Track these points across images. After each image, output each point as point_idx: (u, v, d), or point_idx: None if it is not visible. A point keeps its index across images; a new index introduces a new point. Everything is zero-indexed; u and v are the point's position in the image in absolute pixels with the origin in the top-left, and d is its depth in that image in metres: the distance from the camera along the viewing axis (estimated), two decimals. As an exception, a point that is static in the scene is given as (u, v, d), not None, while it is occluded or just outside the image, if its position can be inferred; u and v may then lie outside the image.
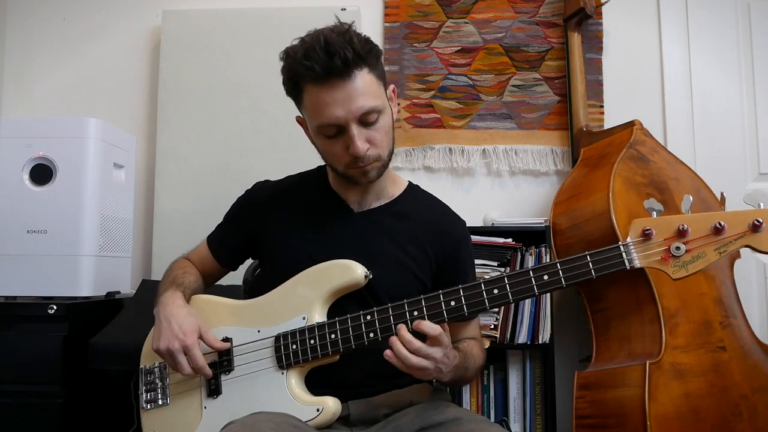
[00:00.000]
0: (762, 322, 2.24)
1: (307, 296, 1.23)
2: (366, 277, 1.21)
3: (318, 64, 1.13)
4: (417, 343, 1.09)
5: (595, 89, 2.38)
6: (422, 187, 1.43)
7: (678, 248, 1.06)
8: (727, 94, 2.38)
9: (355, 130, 1.17)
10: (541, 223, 2.14)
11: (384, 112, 1.21)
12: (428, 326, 1.09)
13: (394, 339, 1.09)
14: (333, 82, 1.15)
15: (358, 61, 1.15)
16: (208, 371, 1.22)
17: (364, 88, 1.16)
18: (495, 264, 2.07)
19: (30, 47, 2.57)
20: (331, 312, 1.23)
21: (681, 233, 1.06)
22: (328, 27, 1.19)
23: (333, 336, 1.18)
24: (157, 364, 1.31)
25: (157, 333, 1.24)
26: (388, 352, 1.09)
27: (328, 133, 1.20)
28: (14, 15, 2.58)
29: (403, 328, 1.10)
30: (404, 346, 1.08)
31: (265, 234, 1.35)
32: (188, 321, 1.23)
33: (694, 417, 1.59)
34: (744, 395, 1.66)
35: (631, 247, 1.08)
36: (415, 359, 1.08)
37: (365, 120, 1.18)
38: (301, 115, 1.30)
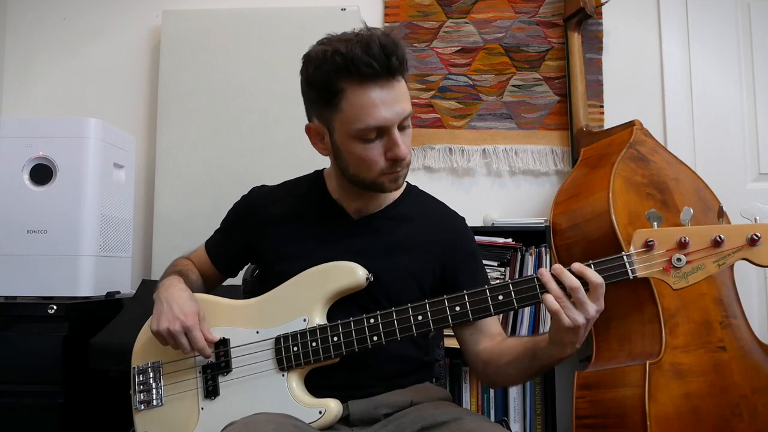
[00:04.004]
0: (762, 322, 2.24)
1: (308, 298, 1.22)
2: (367, 279, 1.21)
3: (377, 62, 1.11)
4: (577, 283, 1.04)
5: (595, 89, 2.38)
6: (422, 187, 1.42)
7: (679, 260, 1.09)
8: (727, 94, 2.38)
9: (397, 134, 1.16)
10: (541, 223, 2.14)
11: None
12: (592, 273, 1.05)
13: (547, 276, 1.06)
14: (384, 83, 1.13)
15: (405, 66, 1.16)
16: (209, 352, 1.21)
17: (404, 93, 1.17)
18: (495, 264, 2.07)
19: (30, 47, 2.57)
20: (330, 314, 1.22)
21: (682, 245, 1.09)
22: (373, 29, 1.16)
23: (336, 339, 1.17)
24: (150, 364, 1.29)
25: (156, 315, 1.22)
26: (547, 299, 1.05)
27: (369, 137, 1.16)
28: (14, 15, 2.58)
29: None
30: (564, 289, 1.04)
31: (262, 241, 1.34)
32: (189, 304, 1.23)
33: (694, 417, 1.60)
34: (744, 395, 1.66)
35: (634, 257, 1.10)
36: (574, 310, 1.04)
37: (402, 125, 1.17)
38: (313, 123, 1.24)
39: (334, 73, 1.13)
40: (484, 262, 2.04)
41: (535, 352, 1.15)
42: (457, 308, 1.13)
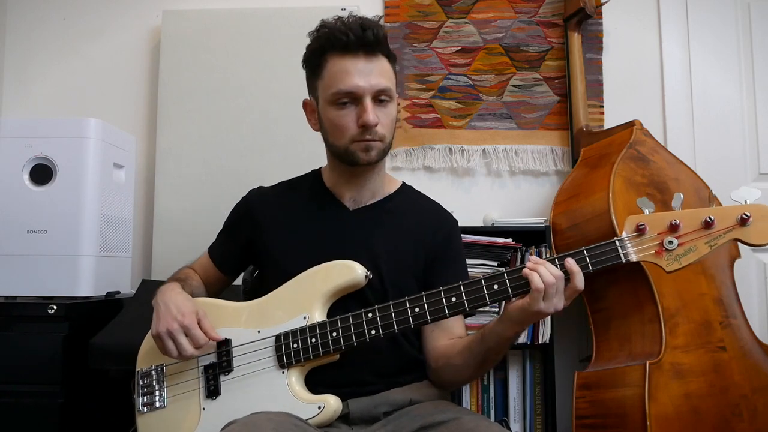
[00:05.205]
0: (762, 322, 2.24)
1: (308, 296, 1.23)
2: (366, 277, 1.22)
3: (353, 33, 1.23)
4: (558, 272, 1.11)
5: (595, 89, 2.38)
6: (422, 187, 1.46)
7: (671, 242, 1.11)
8: (727, 94, 2.38)
9: (369, 102, 1.23)
10: (541, 223, 2.14)
11: (393, 100, 1.29)
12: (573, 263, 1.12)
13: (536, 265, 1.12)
14: (360, 55, 1.24)
15: (384, 46, 1.27)
16: (210, 346, 1.24)
17: (383, 70, 1.27)
18: (495, 264, 2.07)
19: (30, 47, 2.57)
20: (331, 311, 1.23)
21: (673, 228, 1.11)
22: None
23: (334, 334, 1.18)
24: (154, 367, 1.30)
25: (156, 318, 1.24)
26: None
27: (342, 100, 1.24)
28: (14, 15, 2.58)
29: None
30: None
31: (261, 240, 1.36)
32: (187, 304, 1.25)
33: (694, 417, 1.60)
34: (744, 395, 1.66)
35: (627, 241, 1.13)
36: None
37: (379, 98, 1.25)
38: (309, 98, 1.35)
39: (320, 45, 1.28)
40: (484, 262, 2.06)
41: (483, 333, 1.20)
42: (453, 299, 1.15)
